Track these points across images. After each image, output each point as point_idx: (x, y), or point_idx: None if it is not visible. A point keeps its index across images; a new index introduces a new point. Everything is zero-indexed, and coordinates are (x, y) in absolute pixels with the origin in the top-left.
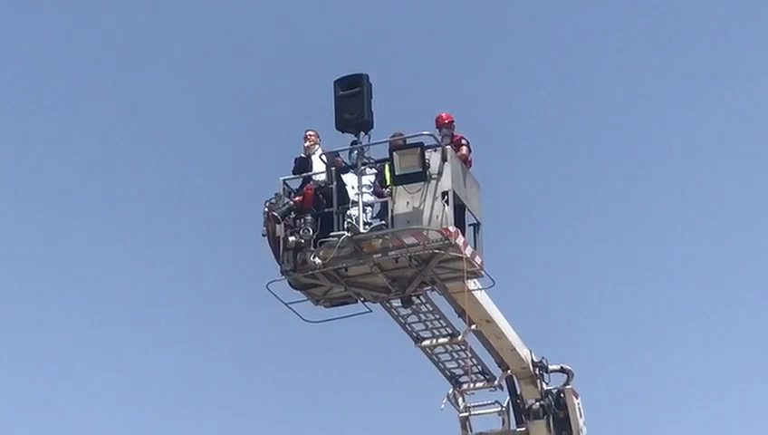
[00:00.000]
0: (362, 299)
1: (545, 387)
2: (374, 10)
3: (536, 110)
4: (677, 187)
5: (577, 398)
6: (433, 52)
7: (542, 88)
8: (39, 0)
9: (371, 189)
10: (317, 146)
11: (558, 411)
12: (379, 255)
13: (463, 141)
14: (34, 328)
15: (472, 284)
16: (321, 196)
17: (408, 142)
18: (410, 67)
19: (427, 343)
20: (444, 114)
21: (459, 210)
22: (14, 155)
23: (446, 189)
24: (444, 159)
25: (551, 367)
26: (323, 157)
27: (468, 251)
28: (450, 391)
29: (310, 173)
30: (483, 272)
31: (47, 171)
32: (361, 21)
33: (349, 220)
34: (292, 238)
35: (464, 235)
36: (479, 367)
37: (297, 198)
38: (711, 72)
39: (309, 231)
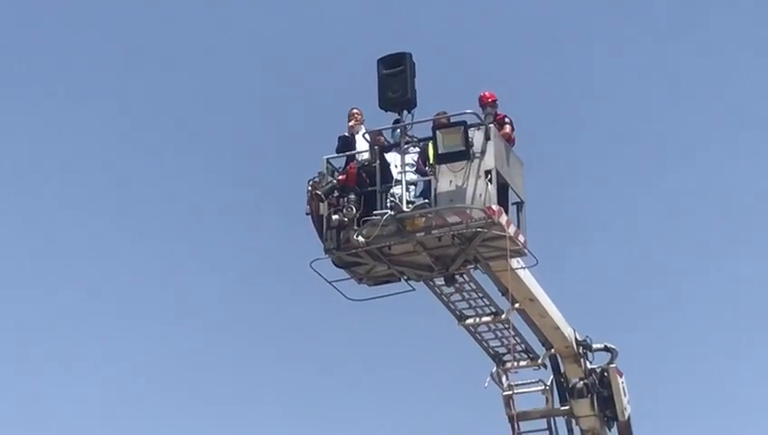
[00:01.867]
0: (405, 277)
1: (589, 366)
2: None
3: (581, 87)
4: (729, 168)
5: (621, 377)
6: (477, 30)
7: (587, 65)
8: None
9: (414, 168)
10: (361, 125)
11: (602, 390)
12: (422, 233)
13: (506, 120)
14: (66, 308)
15: (515, 262)
16: (364, 174)
17: (451, 121)
18: (454, 45)
19: (470, 321)
20: (487, 93)
21: (502, 189)
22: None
23: (489, 168)
24: (487, 138)
25: (594, 346)
26: (366, 136)
27: (512, 230)
28: (494, 370)
29: (353, 152)
30: (526, 250)
31: (90, 151)
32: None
33: (392, 199)
34: (335, 217)
35: (507, 213)
36: (522, 346)
37: (341, 177)
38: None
39: (352, 210)
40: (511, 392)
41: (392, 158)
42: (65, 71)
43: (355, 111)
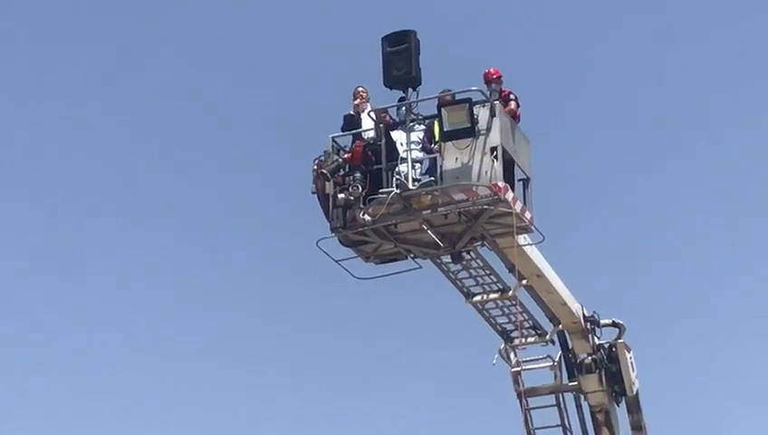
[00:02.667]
0: (412, 255)
1: (597, 341)
2: None
3: (587, 63)
4: (730, 146)
5: (629, 352)
6: (481, 6)
7: (593, 40)
8: None
9: (420, 146)
10: (366, 103)
11: (610, 365)
12: (429, 211)
13: (511, 96)
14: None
15: (522, 239)
16: (370, 153)
17: (456, 98)
18: (458, 22)
19: (477, 298)
20: (492, 69)
21: (508, 165)
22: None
23: (494, 145)
24: (492, 115)
25: (602, 321)
26: (372, 114)
27: (518, 206)
28: (501, 347)
29: (359, 130)
30: (533, 227)
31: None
32: None
33: (398, 177)
34: (341, 195)
35: (513, 190)
36: (530, 322)
37: (346, 156)
38: None
39: (358, 188)
40: (519, 369)
41: (398, 136)
42: (66, 69)
43: (360, 89)
